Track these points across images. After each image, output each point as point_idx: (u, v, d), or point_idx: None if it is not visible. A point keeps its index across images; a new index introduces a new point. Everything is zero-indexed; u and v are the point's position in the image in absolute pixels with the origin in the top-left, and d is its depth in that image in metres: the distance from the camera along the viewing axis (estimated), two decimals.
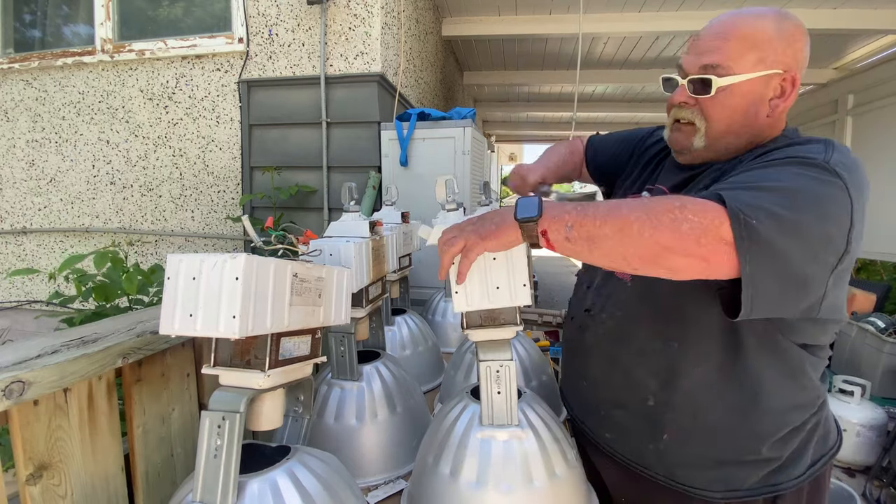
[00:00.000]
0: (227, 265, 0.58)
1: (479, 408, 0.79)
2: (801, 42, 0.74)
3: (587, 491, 0.84)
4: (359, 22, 2.27)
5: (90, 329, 0.83)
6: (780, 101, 0.74)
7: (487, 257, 0.75)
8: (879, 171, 4.19)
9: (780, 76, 0.74)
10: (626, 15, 3.53)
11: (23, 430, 0.63)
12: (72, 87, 2.69)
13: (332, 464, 0.71)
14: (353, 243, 0.96)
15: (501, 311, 0.78)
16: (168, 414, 0.89)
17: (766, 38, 0.73)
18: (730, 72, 0.74)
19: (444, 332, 1.72)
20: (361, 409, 0.98)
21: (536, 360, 1.26)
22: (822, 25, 3.41)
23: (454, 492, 0.74)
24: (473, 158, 2.15)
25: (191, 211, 2.62)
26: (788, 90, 0.74)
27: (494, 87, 5.80)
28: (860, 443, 2.55)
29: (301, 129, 2.40)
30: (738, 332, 0.72)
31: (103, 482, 0.75)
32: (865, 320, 2.90)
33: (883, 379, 2.73)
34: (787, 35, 0.73)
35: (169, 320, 0.60)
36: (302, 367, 0.75)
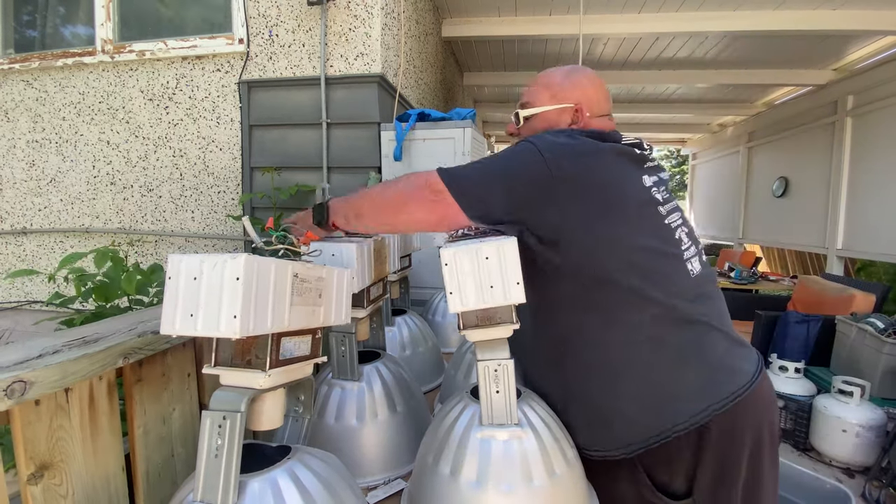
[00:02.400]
0: (227, 265, 0.58)
1: (479, 407, 0.79)
2: (587, 86, 1.02)
3: (587, 490, 0.85)
4: (359, 23, 2.27)
5: (91, 329, 0.83)
6: (576, 125, 1.00)
7: (480, 257, 0.75)
8: (879, 171, 4.19)
9: (572, 108, 1.00)
10: (626, 16, 3.54)
11: (24, 429, 0.63)
12: (72, 87, 2.70)
13: (333, 464, 0.72)
14: (355, 244, 0.96)
15: (497, 310, 0.78)
16: (169, 414, 0.89)
17: (556, 81, 1.03)
18: (530, 107, 1.04)
19: (444, 333, 1.73)
20: (362, 409, 0.98)
21: None
22: (822, 26, 3.41)
23: (454, 491, 0.75)
24: (473, 159, 2.15)
25: (191, 211, 2.62)
26: (580, 117, 1.00)
27: (494, 88, 5.80)
28: (859, 443, 2.55)
29: (301, 129, 2.41)
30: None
31: (104, 482, 0.75)
32: (865, 321, 2.90)
33: (882, 379, 2.73)
34: (573, 82, 1.02)
35: (170, 320, 0.60)
36: (302, 367, 0.75)
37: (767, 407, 0.90)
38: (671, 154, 21.57)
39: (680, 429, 0.82)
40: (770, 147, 6.15)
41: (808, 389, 2.94)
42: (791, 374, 2.98)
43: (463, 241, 0.82)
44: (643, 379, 0.85)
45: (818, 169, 5.03)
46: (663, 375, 0.84)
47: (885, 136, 4.13)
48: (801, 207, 5.37)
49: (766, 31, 3.47)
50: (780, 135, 5.85)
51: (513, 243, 0.77)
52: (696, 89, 5.65)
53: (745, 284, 4.70)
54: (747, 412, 0.85)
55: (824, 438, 2.69)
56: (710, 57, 4.46)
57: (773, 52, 4.33)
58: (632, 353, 0.85)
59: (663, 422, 0.83)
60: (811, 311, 3.41)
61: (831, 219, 4.71)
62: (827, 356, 3.17)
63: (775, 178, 5.87)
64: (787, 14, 3.41)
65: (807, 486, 2.08)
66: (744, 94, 5.86)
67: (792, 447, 2.90)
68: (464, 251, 0.77)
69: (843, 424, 2.59)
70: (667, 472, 0.87)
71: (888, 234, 4.00)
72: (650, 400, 0.84)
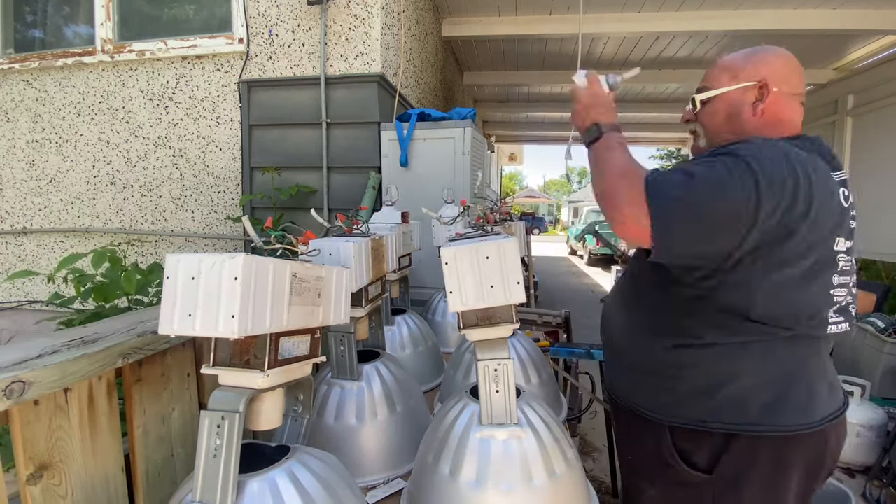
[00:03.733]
0: (225, 265, 0.58)
1: (479, 407, 0.79)
2: (773, 62, 0.95)
3: (587, 490, 0.85)
4: (359, 22, 2.27)
5: (91, 329, 0.83)
6: (760, 103, 0.94)
7: (480, 256, 0.75)
8: (879, 171, 4.19)
9: (755, 86, 0.94)
10: (626, 15, 3.54)
11: (23, 429, 0.63)
12: (72, 87, 2.70)
13: (332, 463, 0.72)
14: (352, 243, 0.96)
15: (497, 310, 0.78)
16: (168, 414, 0.89)
17: (738, 63, 0.97)
18: (708, 90, 0.99)
19: (443, 332, 1.73)
20: (361, 408, 0.98)
21: (536, 359, 1.26)
22: (822, 25, 3.41)
23: (454, 491, 0.75)
24: (473, 159, 2.15)
25: (191, 211, 2.62)
26: (765, 94, 0.93)
27: (494, 88, 5.80)
28: (860, 443, 2.55)
29: (301, 129, 2.41)
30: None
31: (103, 482, 0.75)
32: (865, 320, 2.90)
33: (883, 379, 2.73)
34: (757, 59, 0.96)
35: (168, 320, 0.60)
36: (301, 367, 0.75)
37: (829, 448, 0.90)
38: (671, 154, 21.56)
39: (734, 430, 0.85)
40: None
41: None
42: None
43: (463, 241, 0.82)
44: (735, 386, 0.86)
45: None
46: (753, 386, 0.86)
47: (885, 135, 4.13)
48: None
49: (766, 30, 3.47)
50: None
51: (513, 243, 0.77)
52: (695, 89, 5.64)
53: None
54: (811, 444, 0.87)
55: None
56: (710, 56, 4.46)
57: None
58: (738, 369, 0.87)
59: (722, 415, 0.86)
60: None
61: None
62: None
63: None
64: (787, 14, 3.40)
65: None
66: None
67: None
68: (464, 250, 0.77)
69: None
70: (690, 442, 0.89)
71: (888, 234, 4.00)
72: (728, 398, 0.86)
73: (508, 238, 0.78)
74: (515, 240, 0.78)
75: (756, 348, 0.86)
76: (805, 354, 0.88)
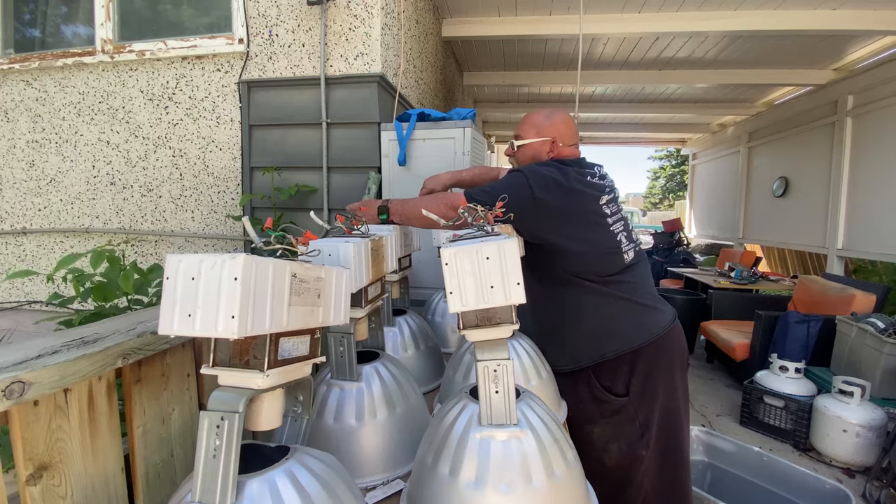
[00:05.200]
0: (225, 265, 0.58)
1: (478, 408, 0.79)
2: (560, 125, 1.45)
3: (587, 490, 0.85)
4: (359, 23, 2.27)
5: (90, 329, 0.83)
6: (551, 152, 1.44)
7: (481, 257, 0.75)
8: (879, 171, 4.19)
9: (549, 140, 1.44)
10: (626, 15, 3.54)
11: (23, 430, 0.63)
12: (72, 87, 2.70)
13: (332, 464, 0.72)
14: (352, 243, 0.96)
15: (497, 311, 0.78)
16: (168, 414, 0.89)
17: (539, 122, 1.46)
18: (521, 139, 1.48)
19: (443, 333, 1.73)
20: (361, 409, 0.98)
21: (536, 359, 1.26)
22: (822, 26, 3.41)
23: (453, 492, 0.74)
24: (473, 159, 2.15)
25: (191, 211, 2.62)
26: (556, 148, 1.44)
27: (494, 88, 5.80)
28: (860, 443, 2.55)
29: (301, 129, 2.41)
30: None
31: (103, 482, 0.75)
32: (865, 321, 2.90)
33: (883, 379, 2.73)
34: (550, 122, 1.45)
35: (168, 320, 0.60)
36: (301, 368, 0.75)
37: (677, 344, 1.40)
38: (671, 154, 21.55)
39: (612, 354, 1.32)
40: (770, 147, 6.14)
41: (809, 389, 2.95)
42: (791, 375, 2.98)
43: (464, 241, 0.82)
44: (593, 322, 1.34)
45: (818, 169, 5.02)
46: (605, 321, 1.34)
47: (885, 136, 4.13)
48: (801, 207, 5.37)
49: (766, 31, 3.47)
50: (780, 135, 5.85)
51: (513, 244, 0.77)
52: (696, 89, 5.65)
53: (746, 284, 4.70)
54: (665, 345, 1.35)
55: (824, 438, 2.69)
56: (710, 57, 4.46)
57: (773, 52, 4.33)
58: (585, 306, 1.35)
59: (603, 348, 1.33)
60: (811, 311, 3.41)
61: (831, 219, 4.71)
62: (827, 356, 3.17)
63: (775, 178, 5.87)
64: (787, 14, 3.40)
65: (807, 486, 2.08)
66: (744, 94, 5.86)
67: (792, 447, 2.90)
68: (464, 251, 0.77)
69: (843, 424, 2.59)
70: (610, 379, 1.33)
71: (888, 234, 4.00)
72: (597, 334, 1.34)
73: (509, 238, 0.78)
74: (515, 240, 0.78)
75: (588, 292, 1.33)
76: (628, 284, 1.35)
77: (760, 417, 3.06)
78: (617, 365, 1.32)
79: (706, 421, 3.27)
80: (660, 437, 1.33)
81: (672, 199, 22.12)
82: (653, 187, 24.98)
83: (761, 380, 3.10)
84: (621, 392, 1.32)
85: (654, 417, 1.32)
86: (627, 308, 1.34)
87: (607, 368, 1.33)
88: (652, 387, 1.32)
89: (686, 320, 1.51)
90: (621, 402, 1.32)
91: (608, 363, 1.32)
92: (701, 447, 2.44)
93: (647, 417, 1.32)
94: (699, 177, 8.85)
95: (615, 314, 1.34)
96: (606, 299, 1.33)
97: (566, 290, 1.34)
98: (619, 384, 1.32)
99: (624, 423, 1.32)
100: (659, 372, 1.33)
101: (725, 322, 4.15)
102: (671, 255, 7.35)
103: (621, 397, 1.32)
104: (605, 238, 1.32)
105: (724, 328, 3.99)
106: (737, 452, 2.33)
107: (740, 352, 3.64)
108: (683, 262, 6.99)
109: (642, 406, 1.32)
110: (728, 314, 4.25)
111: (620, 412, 1.32)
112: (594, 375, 1.34)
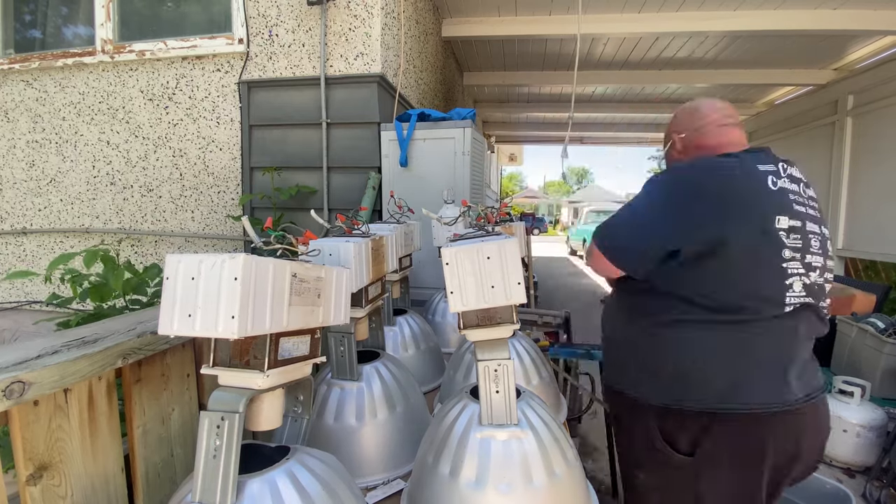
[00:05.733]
0: (225, 265, 0.58)
1: (479, 407, 0.79)
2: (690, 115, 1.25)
3: (587, 490, 0.85)
4: (359, 23, 2.27)
5: (90, 329, 0.83)
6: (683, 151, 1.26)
7: (481, 257, 0.75)
8: (879, 171, 4.19)
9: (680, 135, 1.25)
10: (626, 15, 3.54)
11: (23, 430, 0.63)
12: (72, 87, 2.70)
13: (332, 464, 0.72)
14: (352, 243, 0.96)
15: (497, 310, 0.78)
16: (168, 414, 0.89)
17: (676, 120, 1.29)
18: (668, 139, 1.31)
19: (444, 333, 1.73)
20: (361, 409, 0.98)
21: (536, 359, 1.26)
22: (822, 26, 3.41)
23: (454, 491, 0.74)
24: (473, 159, 2.15)
25: (191, 211, 2.62)
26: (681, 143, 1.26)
27: (494, 88, 5.80)
28: (860, 443, 2.55)
29: (301, 129, 2.41)
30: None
31: (103, 482, 0.75)
32: (865, 321, 2.90)
33: (883, 379, 2.73)
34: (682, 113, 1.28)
35: (168, 320, 0.60)
36: (301, 367, 0.75)
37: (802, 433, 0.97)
38: None
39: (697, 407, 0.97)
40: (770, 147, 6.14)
41: None
42: None
43: (464, 241, 0.82)
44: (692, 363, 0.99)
45: (818, 169, 5.02)
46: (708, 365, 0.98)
47: (885, 136, 4.13)
48: None
49: (766, 31, 3.47)
50: (780, 135, 5.85)
51: (514, 243, 0.77)
52: (696, 89, 5.64)
53: None
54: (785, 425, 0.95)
55: None
56: (710, 57, 4.46)
57: (773, 52, 4.33)
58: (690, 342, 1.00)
59: (689, 395, 0.98)
60: None
61: (831, 219, 4.71)
62: (827, 356, 3.16)
63: None
64: (787, 14, 3.40)
65: (807, 486, 2.07)
66: (744, 94, 5.85)
67: None
68: (465, 251, 0.77)
69: (843, 424, 2.58)
70: (675, 428, 1.01)
71: (889, 234, 4.00)
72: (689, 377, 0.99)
73: (509, 238, 0.78)
74: (516, 240, 0.78)
75: (713, 330, 0.97)
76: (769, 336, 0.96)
77: None
78: (692, 417, 0.99)
79: None
80: None
81: None
82: None
83: None
84: (685, 450, 1.00)
85: (717, 495, 0.99)
86: (748, 360, 0.97)
87: (675, 417, 1.01)
88: (729, 458, 0.97)
89: None
90: (681, 460, 1.00)
91: (680, 412, 1.00)
92: None
93: (709, 490, 0.99)
94: None
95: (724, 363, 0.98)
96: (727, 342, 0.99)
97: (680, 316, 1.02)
98: (685, 440, 1.00)
99: (676, 482, 1.03)
100: (747, 448, 0.96)
101: None
102: None
103: (683, 455, 1.00)
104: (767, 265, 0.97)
105: None
106: None
107: None
108: None
109: (706, 474, 0.98)
110: None
111: (676, 468, 1.02)
112: (656, 418, 1.03)
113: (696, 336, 0.98)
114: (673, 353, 1.01)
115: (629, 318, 1.13)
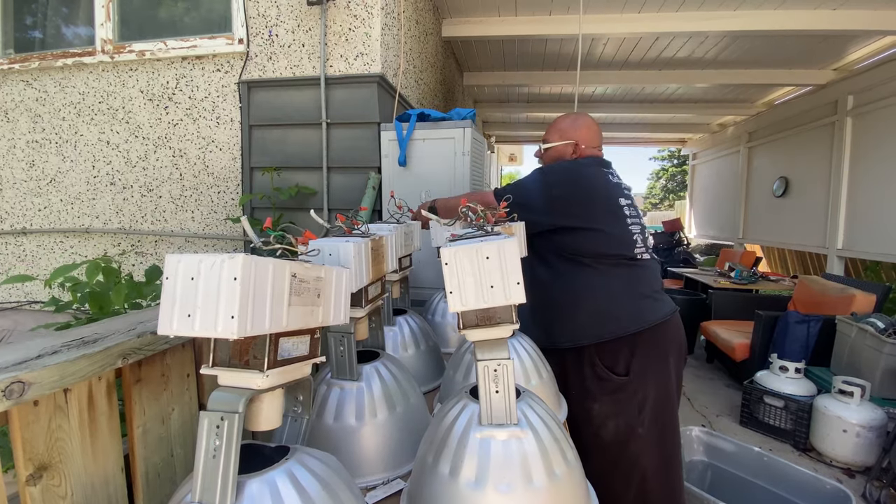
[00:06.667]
0: (225, 265, 0.58)
1: (478, 407, 0.79)
2: (584, 129, 1.62)
3: (587, 490, 0.85)
4: (359, 23, 2.27)
5: (90, 329, 0.83)
6: (574, 154, 1.61)
7: (480, 256, 0.75)
8: (879, 171, 4.19)
9: (573, 143, 1.61)
10: (626, 16, 3.54)
11: (23, 430, 0.63)
12: (72, 87, 2.70)
13: (332, 464, 0.72)
14: (352, 243, 0.96)
15: (497, 310, 0.78)
16: (168, 414, 0.89)
17: (564, 126, 1.64)
18: (548, 142, 1.66)
19: (443, 333, 1.72)
20: (361, 409, 0.98)
21: (536, 359, 1.26)
22: (822, 26, 3.41)
23: (454, 491, 0.74)
24: (473, 159, 2.15)
25: (191, 211, 2.62)
26: (579, 149, 1.60)
27: (494, 88, 5.80)
28: (860, 443, 2.55)
29: (301, 129, 2.41)
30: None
31: (103, 482, 0.75)
32: (865, 321, 2.90)
33: (883, 379, 2.73)
34: (577, 125, 1.62)
35: (167, 320, 0.60)
36: (301, 367, 0.75)
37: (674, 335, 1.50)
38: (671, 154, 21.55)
39: (610, 336, 1.42)
40: (770, 147, 6.14)
41: (809, 389, 2.94)
42: (791, 375, 2.98)
43: (463, 241, 0.82)
44: (597, 303, 1.44)
45: (818, 169, 5.03)
46: (608, 303, 1.44)
47: (885, 136, 4.13)
48: (801, 207, 5.37)
49: (766, 31, 3.47)
50: (780, 135, 5.85)
51: (513, 243, 0.77)
52: (696, 89, 5.65)
53: (746, 284, 4.70)
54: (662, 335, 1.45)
55: (824, 438, 2.69)
56: (710, 57, 4.46)
57: (773, 52, 4.33)
58: (591, 287, 1.45)
59: (603, 329, 1.43)
60: (811, 311, 3.41)
61: (831, 219, 4.71)
62: (827, 356, 3.17)
63: (775, 178, 5.87)
64: (787, 14, 3.41)
65: (807, 486, 2.08)
66: (744, 94, 5.86)
67: (792, 447, 2.90)
68: (464, 250, 0.77)
69: (843, 424, 2.59)
70: (611, 359, 1.43)
71: (889, 234, 4.00)
72: (598, 315, 1.44)
73: (509, 238, 0.78)
74: (516, 240, 0.78)
75: (606, 274, 1.43)
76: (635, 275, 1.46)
77: (760, 417, 3.06)
78: (618, 347, 1.42)
79: (706, 421, 3.27)
80: (655, 417, 1.43)
81: (672, 200, 22.13)
82: (653, 188, 24.99)
83: (761, 380, 3.10)
84: (622, 372, 1.42)
85: (650, 398, 1.42)
86: (630, 295, 1.44)
87: (609, 349, 1.42)
88: (650, 370, 1.43)
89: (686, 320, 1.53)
90: (622, 380, 1.41)
91: (609, 344, 1.42)
92: (701, 447, 2.43)
93: (644, 397, 1.41)
94: (699, 177, 8.85)
95: (618, 298, 1.43)
96: (612, 282, 1.44)
97: (574, 269, 1.45)
98: (621, 364, 1.42)
99: (623, 401, 1.41)
100: (657, 358, 1.44)
101: (725, 322, 4.15)
102: (671, 256, 7.35)
103: (622, 376, 1.42)
104: (619, 227, 1.44)
105: (724, 328, 3.98)
106: (737, 452, 2.33)
107: (740, 352, 3.64)
108: (683, 263, 6.99)
109: (640, 386, 1.41)
110: (728, 314, 4.25)
111: (621, 390, 1.42)
112: (597, 355, 1.44)
113: (599, 281, 1.43)
114: (589, 298, 1.44)
115: (543, 287, 1.51)
